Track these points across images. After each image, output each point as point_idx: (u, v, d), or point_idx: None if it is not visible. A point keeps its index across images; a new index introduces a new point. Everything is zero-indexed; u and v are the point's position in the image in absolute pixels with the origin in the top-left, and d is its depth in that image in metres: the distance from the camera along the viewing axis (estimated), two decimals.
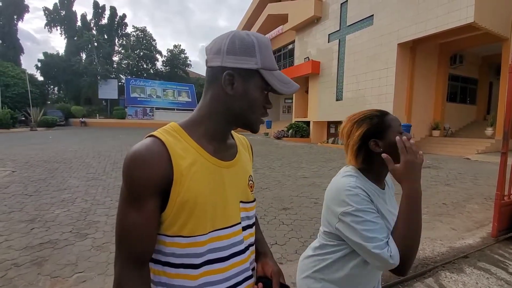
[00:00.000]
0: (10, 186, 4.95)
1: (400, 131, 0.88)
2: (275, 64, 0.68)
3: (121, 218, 0.60)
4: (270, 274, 0.75)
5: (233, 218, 0.70)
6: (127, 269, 0.60)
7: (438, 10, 10.64)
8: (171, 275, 0.64)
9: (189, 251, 0.63)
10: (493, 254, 2.88)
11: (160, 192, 0.60)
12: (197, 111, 0.70)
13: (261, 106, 0.68)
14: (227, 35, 0.65)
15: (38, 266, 2.45)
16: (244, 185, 0.75)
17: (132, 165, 0.58)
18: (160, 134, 0.63)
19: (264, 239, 0.89)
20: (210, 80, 0.67)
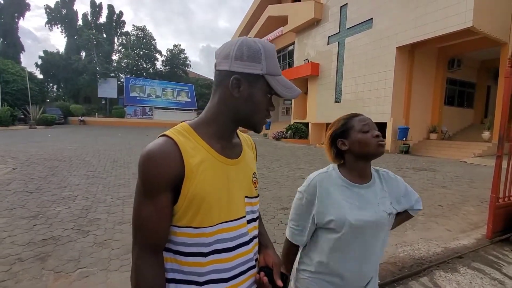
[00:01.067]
0: (11, 183, 4.99)
1: (364, 130, 0.98)
2: (279, 70, 0.74)
3: (137, 210, 0.66)
4: (271, 264, 0.80)
5: (238, 211, 0.76)
6: (144, 255, 0.66)
7: (437, 14, 10.76)
8: (182, 262, 0.70)
9: (198, 240, 0.69)
10: (487, 255, 2.94)
11: (173, 187, 0.66)
12: (205, 113, 0.76)
13: (265, 108, 0.75)
14: (236, 41, 0.71)
15: (41, 261, 2.50)
16: (249, 181, 0.81)
17: (147, 163, 0.64)
18: (172, 134, 0.69)
19: (266, 233, 0.94)
20: (218, 83, 0.73)
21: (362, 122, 0.99)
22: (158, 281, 0.67)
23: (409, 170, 7.94)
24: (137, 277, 0.66)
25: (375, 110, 13.56)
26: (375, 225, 0.97)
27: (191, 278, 0.70)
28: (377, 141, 0.96)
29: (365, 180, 1.03)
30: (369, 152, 0.98)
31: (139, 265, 0.66)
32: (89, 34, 33.91)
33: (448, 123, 14.45)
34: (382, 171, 1.10)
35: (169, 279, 0.71)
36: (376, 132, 0.98)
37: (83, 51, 35.96)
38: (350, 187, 1.00)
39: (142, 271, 0.66)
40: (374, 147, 0.97)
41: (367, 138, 0.97)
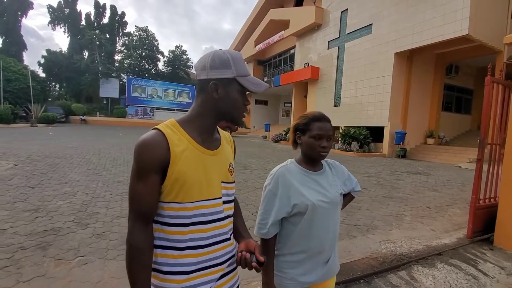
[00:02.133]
0: (13, 178, 5.15)
1: (316, 137, 1.15)
2: (247, 71, 0.92)
3: (132, 188, 0.84)
4: (253, 248, 0.97)
5: (215, 193, 0.93)
6: (137, 224, 0.84)
7: (434, 21, 10.96)
8: (166, 231, 0.87)
9: (180, 213, 0.87)
10: (466, 253, 3.09)
11: (161, 170, 0.83)
12: (190, 111, 0.94)
13: (242, 104, 0.93)
14: (209, 55, 0.90)
15: (42, 250, 2.66)
16: (225, 170, 0.99)
17: (141, 149, 0.82)
18: (161, 127, 0.87)
19: (245, 225, 1.12)
20: (200, 89, 0.92)
21: (318, 131, 1.15)
22: (146, 245, 0.84)
23: (403, 174, 8.09)
24: (131, 241, 0.83)
25: (373, 114, 13.74)
26: (331, 205, 1.17)
27: (174, 245, 0.87)
28: (320, 151, 1.15)
29: (317, 168, 1.22)
30: (310, 155, 1.19)
31: (132, 231, 0.83)
32: (92, 34, 34.21)
33: (445, 129, 14.62)
34: (330, 161, 1.31)
35: (157, 245, 0.88)
36: (324, 143, 1.14)
37: (86, 51, 36.27)
38: (307, 174, 1.19)
39: (135, 236, 0.83)
40: (315, 154, 1.16)
41: (314, 145, 1.15)
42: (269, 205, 1.16)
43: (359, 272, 2.55)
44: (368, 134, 13.47)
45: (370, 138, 13.52)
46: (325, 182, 1.20)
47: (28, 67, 27.55)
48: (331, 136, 1.18)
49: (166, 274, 0.86)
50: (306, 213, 1.12)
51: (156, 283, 0.87)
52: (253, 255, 0.94)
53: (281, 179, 1.15)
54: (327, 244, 1.18)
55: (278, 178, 1.16)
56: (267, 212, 1.16)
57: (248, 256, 0.92)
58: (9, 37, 33.32)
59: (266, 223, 1.15)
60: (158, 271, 0.87)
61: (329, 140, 1.16)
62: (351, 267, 2.64)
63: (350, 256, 2.87)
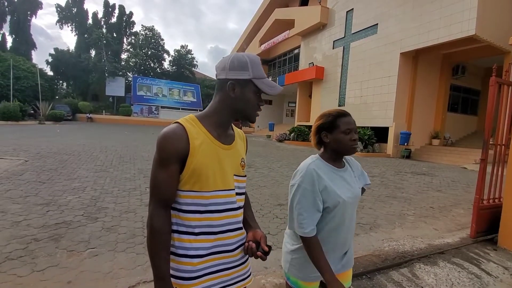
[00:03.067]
0: (24, 173, 5.28)
1: (346, 132, 1.18)
2: (264, 74, 0.99)
3: (154, 175, 0.92)
4: (259, 238, 1.04)
5: (229, 184, 1.00)
6: (157, 208, 0.92)
7: (441, 21, 10.91)
8: (183, 218, 0.95)
9: (197, 201, 0.94)
10: (469, 252, 3.12)
11: (180, 160, 0.91)
12: (209, 108, 1.02)
13: (256, 104, 1.00)
14: (229, 57, 0.98)
15: (55, 242, 2.76)
16: (237, 164, 1.06)
17: (163, 141, 0.90)
18: (182, 121, 0.95)
19: (254, 217, 1.19)
20: (219, 88, 0.99)
21: (347, 126, 1.19)
22: (165, 227, 0.92)
23: (407, 174, 8.09)
24: (151, 223, 0.91)
25: (377, 114, 13.72)
26: (356, 200, 1.23)
27: (189, 230, 0.95)
28: (352, 144, 1.19)
29: (342, 165, 1.27)
30: (343, 151, 1.21)
31: (153, 215, 0.91)
32: (99, 33, 34.58)
33: (451, 130, 14.52)
34: (347, 157, 1.34)
35: (174, 230, 0.96)
36: (354, 136, 1.17)
37: (93, 50, 36.66)
38: (335, 171, 1.22)
39: (155, 219, 0.91)
40: (348, 148, 1.19)
41: (346, 139, 1.17)
42: (305, 202, 1.14)
43: (361, 268, 2.60)
44: (373, 134, 13.45)
45: (374, 139, 13.50)
46: (349, 178, 1.25)
47: (36, 66, 27.95)
48: (356, 129, 1.22)
49: (182, 257, 0.94)
50: (334, 209, 1.16)
51: (172, 265, 0.94)
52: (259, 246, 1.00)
53: (314, 175, 1.15)
54: (350, 237, 1.25)
55: (312, 173, 1.15)
56: (306, 210, 1.13)
57: (254, 246, 0.99)
58: (19, 36, 33.90)
59: (306, 222, 1.13)
60: (174, 254, 0.95)
61: (356, 132, 1.21)
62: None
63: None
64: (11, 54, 27.04)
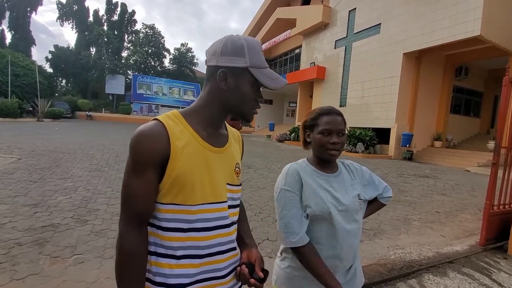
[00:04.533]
0: (16, 172, 5.11)
1: (324, 133, 1.02)
2: (264, 63, 0.79)
3: (126, 184, 0.73)
4: (254, 260, 0.86)
5: (221, 196, 0.82)
6: (129, 226, 0.73)
7: (445, 21, 10.73)
8: (162, 237, 0.76)
9: (180, 216, 0.75)
10: (479, 262, 2.95)
11: (159, 165, 0.72)
12: (197, 102, 0.83)
13: (253, 99, 0.80)
14: (222, 39, 0.78)
15: (39, 246, 2.58)
16: (231, 170, 0.87)
17: (137, 142, 0.71)
18: (162, 118, 0.76)
19: (251, 233, 1.00)
20: (208, 77, 0.80)
21: (327, 125, 1.01)
22: (139, 249, 0.73)
23: (410, 177, 7.91)
24: (121, 244, 0.72)
25: (379, 115, 13.54)
26: (347, 212, 1.02)
27: (170, 252, 0.76)
28: (328, 148, 1.01)
29: (332, 170, 1.09)
30: (319, 154, 1.05)
31: (124, 234, 0.72)
32: (100, 30, 34.37)
33: (453, 132, 14.33)
34: (347, 162, 1.17)
35: (152, 252, 0.77)
36: (333, 139, 1.00)
37: (93, 47, 36.45)
38: (320, 175, 1.05)
39: (126, 239, 0.72)
40: (324, 152, 1.02)
41: (323, 141, 1.01)
42: (289, 207, 1.00)
43: (367, 279, 2.42)
44: (374, 135, 13.27)
45: (376, 140, 13.31)
46: (340, 186, 1.06)
47: (35, 62, 27.74)
48: (343, 130, 1.02)
49: (159, 286, 0.75)
50: (320, 219, 1.00)
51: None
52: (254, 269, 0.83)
53: (296, 176, 1.02)
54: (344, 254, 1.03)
55: (293, 174, 1.03)
56: (291, 216, 0.99)
57: (247, 272, 0.81)
58: (18, 33, 33.67)
59: (293, 229, 0.98)
60: (151, 281, 0.76)
61: (340, 135, 1.01)
62: None
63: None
64: (10, 50, 26.82)
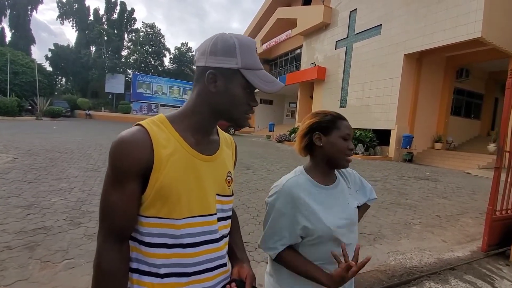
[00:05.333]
0: (11, 172, 5.03)
1: (346, 138, 0.95)
2: (258, 64, 0.72)
3: (104, 196, 0.66)
4: (245, 276, 0.79)
5: (209, 208, 0.75)
6: (108, 242, 0.66)
7: (446, 23, 10.67)
8: (145, 253, 0.69)
9: (164, 231, 0.69)
10: (481, 268, 2.88)
11: (141, 176, 0.66)
12: (185, 106, 0.76)
13: (245, 103, 0.73)
14: (212, 37, 0.71)
15: (30, 250, 2.51)
16: (222, 180, 0.80)
17: (117, 150, 0.64)
18: (146, 123, 0.69)
19: (243, 246, 0.93)
20: (196, 78, 0.73)
21: (347, 130, 0.96)
22: (120, 267, 0.67)
23: (410, 179, 7.85)
24: (99, 262, 0.66)
25: (380, 117, 13.47)
26: (349, 223, 0.97)
27: (153, 270, 0.69)
28: (348, 155, 0.96)
29: (332, 180, 1.01)
30: (336, 160, 0.97)
31: (102, 251, 0.66)
32: (100, 29, 34.28)
33: (454, 134, 14.28)
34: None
35: (134, 269, 0.70)
36: (352, 145, 0.97)
37: (93, 46, 36.35)
38: (320, 189, 0.97)
39: (104, 257, 0.66)
40: (343, 158, 0.96)
41: (343, 146, 0.94)
42: (276, 227, 0.95)
43: (366, 286, 2.36)
44: (374, 137, 13.20)
45: (376, 141, 13.25)
46: (341, 197, 0.99)
47: (35, 61, 27.64)
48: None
49: None
50: (319, 237, 0.93)
51: None
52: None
53: (290, 195, 0.93)
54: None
55: (288, 193, 0.93)
56: (275, 234, 0.95)
57: None
58: (19, 31, 33.56)
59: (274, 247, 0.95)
60: None
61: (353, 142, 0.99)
62: (357, 280, 2.45)
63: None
64: (9, 48, 26.72)
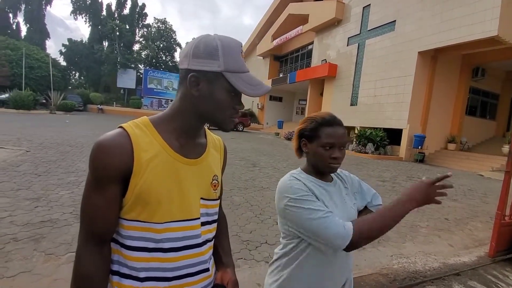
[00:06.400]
0: (22, 165, 5.18)
1: (326, 146, 0.94)
2: (243, 67, 0.70)
3: (84, 199, 0.67)
4: (227, 282, 0.79)
5: (192, 212, 0.74)
6: (88, 245, 0.66)
7: (462, 20, 10.32)
8: (126, 256, 0.69)
9: (145, 235, 0.68)
10: (487, 275, 2.79)
11: (121, 180, 0.65)
12: (169, 109, 0.74)
13: (229, 106, 0.71)
14: (196, 40, 0.70)
15: (35, 243, 2.58)
16: (207, 183, 0.79)
17: (96, 154, 0.64)
18: (128, 126, 0.68)
19: (230, 250, 0.93)
20: (180, 81, 0.72)
21: (329, 139, 0.94)
22: (98, 271, 0.67)
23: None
24: (78, 266, 0.66)
25: (391, 115, 13.20)
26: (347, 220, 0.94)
27: (133, 273, 0.69)
28: (331, 163, 0.94)
29: (328, 180, 1.03)
30: (318, 167, 0.99)
31: (82, 254, 0.66)
32: (113, 24, 34.74)
33: (468, 134, 13.88)
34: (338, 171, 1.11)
35: (114, 271, 0.70)
36: (335, 154, 0.94)
37: (106, 41, 36.90)
38: (321, 185, 0.99)
39: (83, 260, 0.66)
40: (325, 166, 0.96)
41: (324, 156, 0.94)
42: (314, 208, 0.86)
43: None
44: (385, 136, 12.94)
45: (386, 140, 12.99)
46: (338, 195, 1.01)
47: (50, 55, 28.27)
48: (344, 144, 0.96)
49: None
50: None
51: None
52: None
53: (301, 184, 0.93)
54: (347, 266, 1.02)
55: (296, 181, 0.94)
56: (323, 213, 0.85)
57: None
58: (33, 26, 34.37)
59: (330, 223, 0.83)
60: None
61: (341, 149, 0.95)
62: (358, 283, 2.42)
63: (358, 271, 2.63)
64: (25, 43, 27.40)
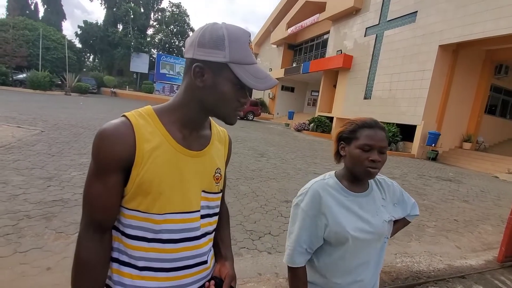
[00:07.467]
0: (37, 144, 5.33)
1: (365, 148, 0.90)
2: (250, 58, 0.67)
3: (87, 187, 0.67)
4: (224, 275, 0.79)
5: (192, 205, 0.73)
6: (88, 232, 0.67)
7: (488, 14, 9.79)
8: (126, 244, 0.70)
9: (144, 225, 0.69)
10: (493, 279, 2.74)
11: (122, 169, 0.65)
12: (173, 99, 0.73)
13: (234, 99, 0.69)
14: (202, 28, 0.67)
15: (46, 220, 2.67)
16: (209, 176, 0.78)
17: (98, 142, 0.64)
18: (132, 115, 0.68)
19: (230, 242, 0.92)
20: (185, 71, 0.70)
21: (368, 140, 0.90)
22: (98, 258, 0.67)
23: (431, 179, 7.52)
24: (78, 252, 0.67)
25: (406, 110, 12.85)
26: (375, 235, 0.94)
27: (132, 262, 0.70)
28: (368, 166, 0.89)
29: (363, 188, 0.98)
30: (355, 172, 0.94)
31: (82, 241, 0.67)
32: (127, 7, 34.72)
33: (485, 134, 13.43)
34: (379, 178, 1.05)
35: (114, 258, 0.71)
36: (374, 157, 0.89)
37: (120, 24, 36.99)
38: (348, 195, 0.95)
39: (83, 247, 0.67)
40: (362, 170, 0.91)
41: (361, 158, 0.90)
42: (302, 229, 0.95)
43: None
44: (398, 131, 12.64)
45: (399, 136, 12.70)
46: (370, 206, 0.96)
47: (66, 37, 28.61)
48: (385, 148, 0.91)
49: None
50: (342, 244, 0.92)
51: None
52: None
53: (317, 197, 0.94)
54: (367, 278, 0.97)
55: (314, 195, 0.94)
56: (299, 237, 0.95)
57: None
58: (51, 6, 34.73)
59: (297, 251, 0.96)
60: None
61: (382, 153, 0.91)
62: None
63: None
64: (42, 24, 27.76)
